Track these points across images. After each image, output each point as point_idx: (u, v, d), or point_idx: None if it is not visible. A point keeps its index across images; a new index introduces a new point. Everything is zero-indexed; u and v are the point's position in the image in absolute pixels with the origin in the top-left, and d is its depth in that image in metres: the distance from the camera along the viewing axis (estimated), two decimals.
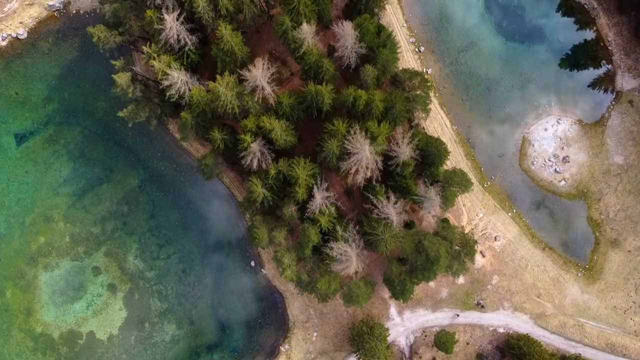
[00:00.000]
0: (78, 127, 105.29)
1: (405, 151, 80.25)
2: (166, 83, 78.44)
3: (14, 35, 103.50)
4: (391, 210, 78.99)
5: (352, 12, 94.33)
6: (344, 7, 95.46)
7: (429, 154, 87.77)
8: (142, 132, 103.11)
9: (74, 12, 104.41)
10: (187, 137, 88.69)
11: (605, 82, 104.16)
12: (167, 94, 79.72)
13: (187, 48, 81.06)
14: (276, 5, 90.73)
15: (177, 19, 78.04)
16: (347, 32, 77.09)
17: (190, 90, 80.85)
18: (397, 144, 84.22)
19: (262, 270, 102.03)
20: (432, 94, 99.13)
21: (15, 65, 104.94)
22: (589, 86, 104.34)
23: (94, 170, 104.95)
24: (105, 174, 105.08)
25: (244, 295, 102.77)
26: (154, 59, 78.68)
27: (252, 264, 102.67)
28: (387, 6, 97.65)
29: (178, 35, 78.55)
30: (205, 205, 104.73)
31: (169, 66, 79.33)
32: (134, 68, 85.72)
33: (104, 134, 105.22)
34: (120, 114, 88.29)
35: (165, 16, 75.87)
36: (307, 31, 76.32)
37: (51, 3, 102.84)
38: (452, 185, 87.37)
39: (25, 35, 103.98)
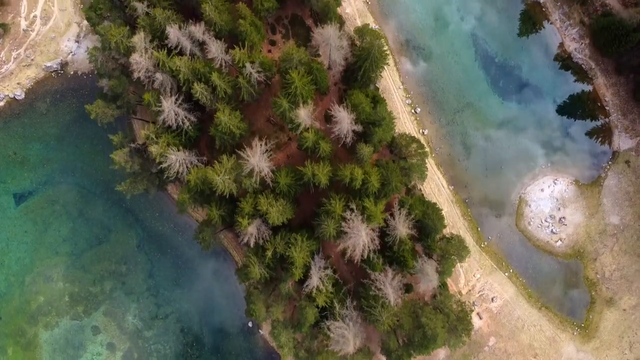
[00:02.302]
0: (76, 187, 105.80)
1: (401, 230, 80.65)
2: (164, 165, 78.72)
3: (11, 95, 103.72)
4: (388, 289, 79.51)
5: (349, 79, 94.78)
6: (342, 74, 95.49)
7: (426, 226, 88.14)
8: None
9: (72, 73, 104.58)
10: (185, 211, 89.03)
11: (602, 142, 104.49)
12: (165, 174, 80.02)
13: (185, 126, 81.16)
14: (275, 74, 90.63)
15: (176, 102, 78.19)
16: (343, 118, 77.32)
17: (188, 168, 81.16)
18: (393, 216, 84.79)
19: (260, 331, 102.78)
20: (428, 155, 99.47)
21: (13, 125, 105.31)
22: (585, 146, 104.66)
23: (92, 230, 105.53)
24: (103, 233, 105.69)
25: (242, 355, 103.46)
26: (153, 140, 78.92)
27: (250, 324, 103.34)
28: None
29: (176, 117, 78.68)
30: (203, 264, 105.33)
31: (167, 145, 79.57)
32: (132, 145, 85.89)
33: (103, 194, 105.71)
34: (119, 187, 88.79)
35: (164, 102, 76.01)
36: (304, 115, 76.55)
37: (49, 64, 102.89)
38: (449, 256, 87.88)
39: (23, 95, 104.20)
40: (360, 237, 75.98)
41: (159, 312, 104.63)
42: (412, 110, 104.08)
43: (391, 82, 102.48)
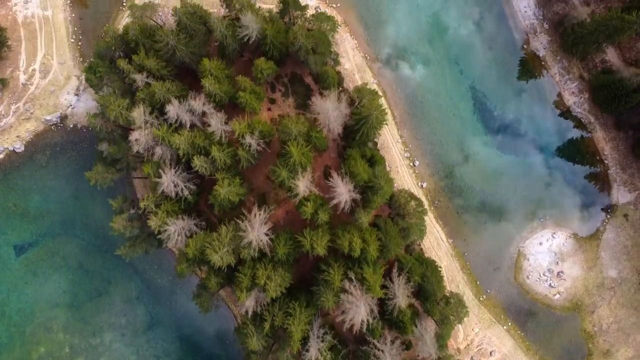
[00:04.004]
0: (76, 239, 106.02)
1: (400, 300, 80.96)
2: (164, 236, 78.92)
3: (11, 148, 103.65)
4: (387, 359, 79.89)
5: (348, 137, 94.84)
6: (341, 132, 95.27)
7: (424, 289, 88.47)
8: None
9: (71, 126, 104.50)
10: (184, 277, 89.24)
11: (601, 196, 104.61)
12: (165, 244, 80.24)
13: (185, 194, 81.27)
14: (275, 134, 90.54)
15: (175, 172, 78.32)
16: (341, 192, 77.45)
17: (187, 236, 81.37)
18: (392, 279, 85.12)
19: None
20: (427, 212, 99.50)
21: (13, 177, 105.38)
22: (584, 199, 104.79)
23: (92, 281, 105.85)
24: (103, 285, 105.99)
25: None
26: (152, 209, 79.12)
27: None
28: None
29: (176, 187, 78.81)
30: (202, 317, 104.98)
31: (167, 214, 79.76)
32: (131, 212, 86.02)
33: (102, 246, 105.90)
34: (118, 252, 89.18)
35: (163, 175, 76.13)
36: (302, 186, 76.77)
37: (48, 117, 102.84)
38: (448, 320, 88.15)
39: (23, 148, 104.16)
40: (359, 314, 76.25)
41: None
42: (411, 163, 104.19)
43: (390, 137, 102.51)
